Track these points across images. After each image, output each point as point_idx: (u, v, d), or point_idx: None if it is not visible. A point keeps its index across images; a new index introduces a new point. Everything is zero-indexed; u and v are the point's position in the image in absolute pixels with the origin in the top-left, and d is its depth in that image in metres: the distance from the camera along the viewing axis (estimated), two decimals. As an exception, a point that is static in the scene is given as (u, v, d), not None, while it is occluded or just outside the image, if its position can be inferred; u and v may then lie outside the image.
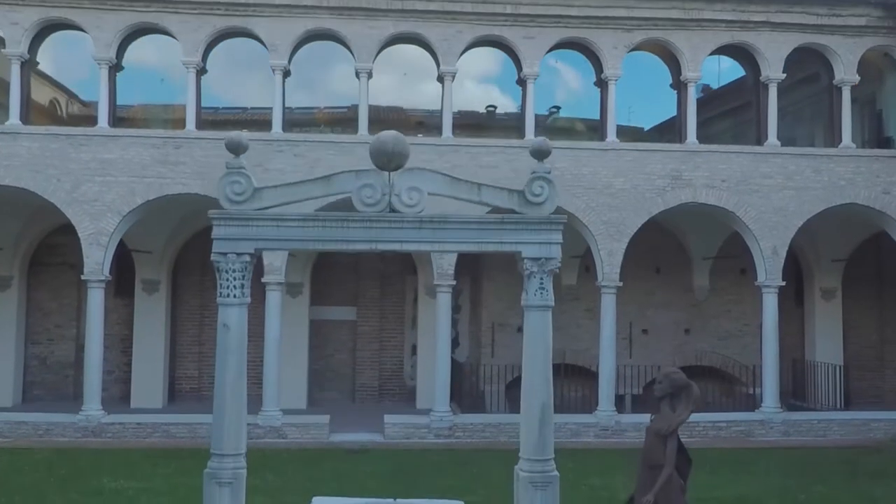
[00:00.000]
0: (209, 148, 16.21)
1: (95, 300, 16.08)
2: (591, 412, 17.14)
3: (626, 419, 16.88)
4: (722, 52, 18.04)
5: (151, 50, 17.83)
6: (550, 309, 6.64)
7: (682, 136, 17.59)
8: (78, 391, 18.62)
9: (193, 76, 16.68)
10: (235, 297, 6.42)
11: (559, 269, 6.71)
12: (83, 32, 16.58)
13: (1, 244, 19.02)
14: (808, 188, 17.35)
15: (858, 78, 17.59)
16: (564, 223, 6.58)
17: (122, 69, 16.96)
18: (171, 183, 16.32)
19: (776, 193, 17.27)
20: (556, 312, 7.02)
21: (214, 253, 6.49)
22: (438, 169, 15.87)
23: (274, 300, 16.25)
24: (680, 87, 17.66)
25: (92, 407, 15.97)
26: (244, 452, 6.55)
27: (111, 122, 16.67)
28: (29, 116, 16.81)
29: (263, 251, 7.52)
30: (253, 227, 6.48)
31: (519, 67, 17.21)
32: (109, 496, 11.52)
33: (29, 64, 16.75)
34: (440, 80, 17.15)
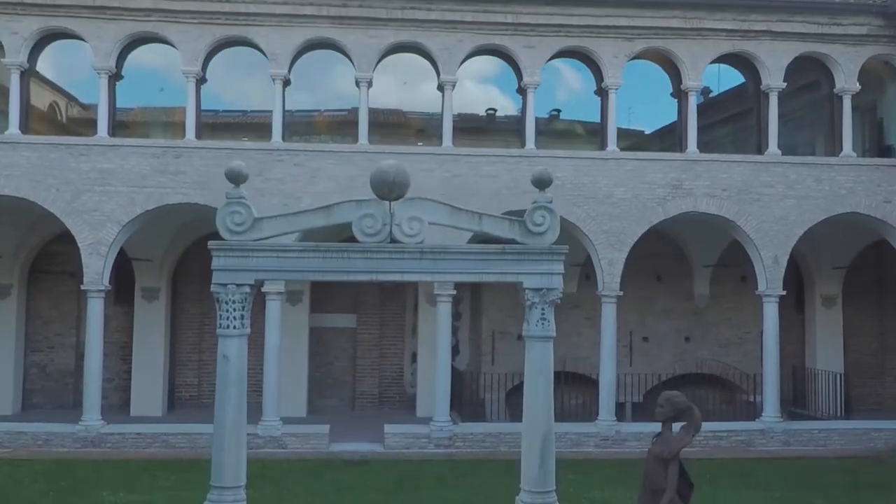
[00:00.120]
0: (209, 157, 16.22)
1: (95, 310, 16.05)
2: (591, 420, 17.13)
3: (626, 428, 16.88)
4: (723, 60, 17.97)
5: (151, 55, 17.72)
6: (552, 339, 6.62)
7: (682, 145, 17.54)
8: (78, 399, 18.59)
9: (193, 85, 16.62)
10: (235, 328, 6.41)
11: (560, 299, 6.68)
12: (83, 41, 16.53)
13: (1, 252, 18.99)
14: (808, 197, 17.31)
15: (859, 86, 17.56)
16: (566, 254, 6.56)
17: (121, 78, 16.89)
18: (170, 192, 16.28)
19: (777, 202, 17.23)
20: (556, 320, 7.00)
21: (214, 284, 6.47)
22: (438, 178, 16.28)
23: (274, 309, 16.23)
24: (680, 95, 17.61)
25: (91, 417, 15.93)
26: (244, 484, 6.55)
27: (111, 131, 16.61)
28: (29, 125, 16.75)
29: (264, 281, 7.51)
30: (253, 258, 6.48)
31: (519, 76, 17.15)
32: (110, 512, 11.54)
33: (29, 73, 16.72)
34: (440, 88, 17.10)
